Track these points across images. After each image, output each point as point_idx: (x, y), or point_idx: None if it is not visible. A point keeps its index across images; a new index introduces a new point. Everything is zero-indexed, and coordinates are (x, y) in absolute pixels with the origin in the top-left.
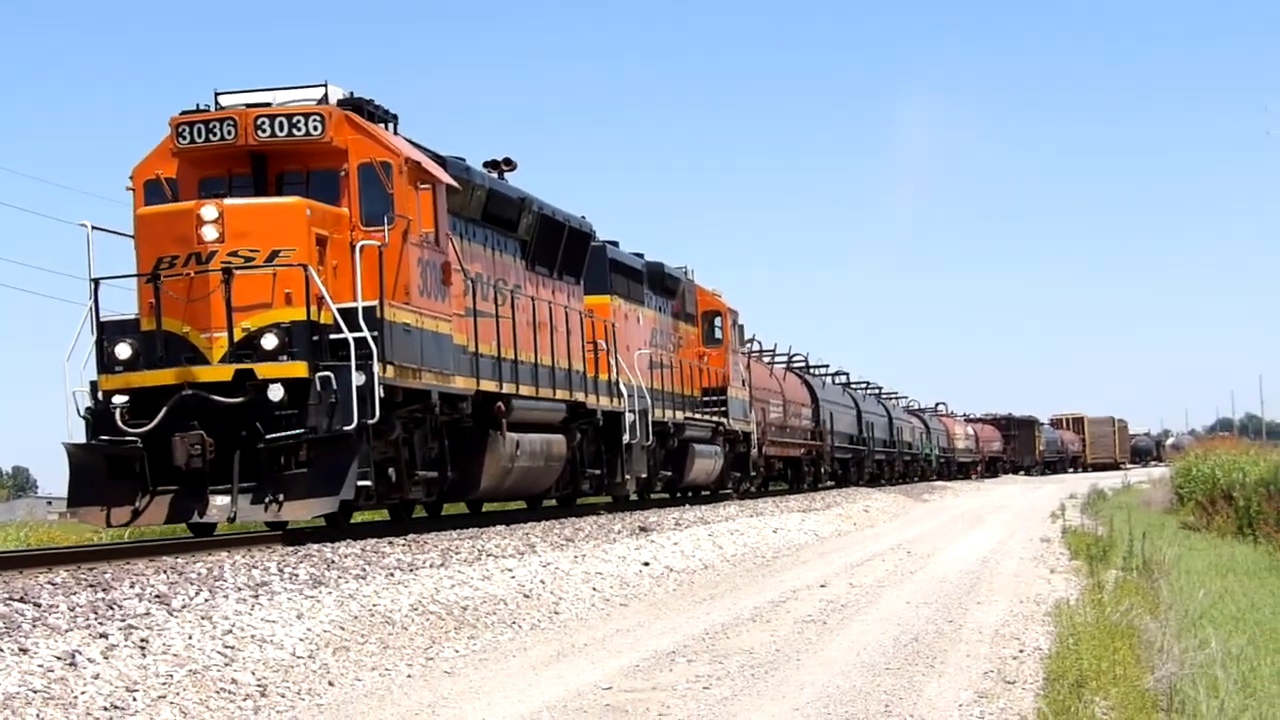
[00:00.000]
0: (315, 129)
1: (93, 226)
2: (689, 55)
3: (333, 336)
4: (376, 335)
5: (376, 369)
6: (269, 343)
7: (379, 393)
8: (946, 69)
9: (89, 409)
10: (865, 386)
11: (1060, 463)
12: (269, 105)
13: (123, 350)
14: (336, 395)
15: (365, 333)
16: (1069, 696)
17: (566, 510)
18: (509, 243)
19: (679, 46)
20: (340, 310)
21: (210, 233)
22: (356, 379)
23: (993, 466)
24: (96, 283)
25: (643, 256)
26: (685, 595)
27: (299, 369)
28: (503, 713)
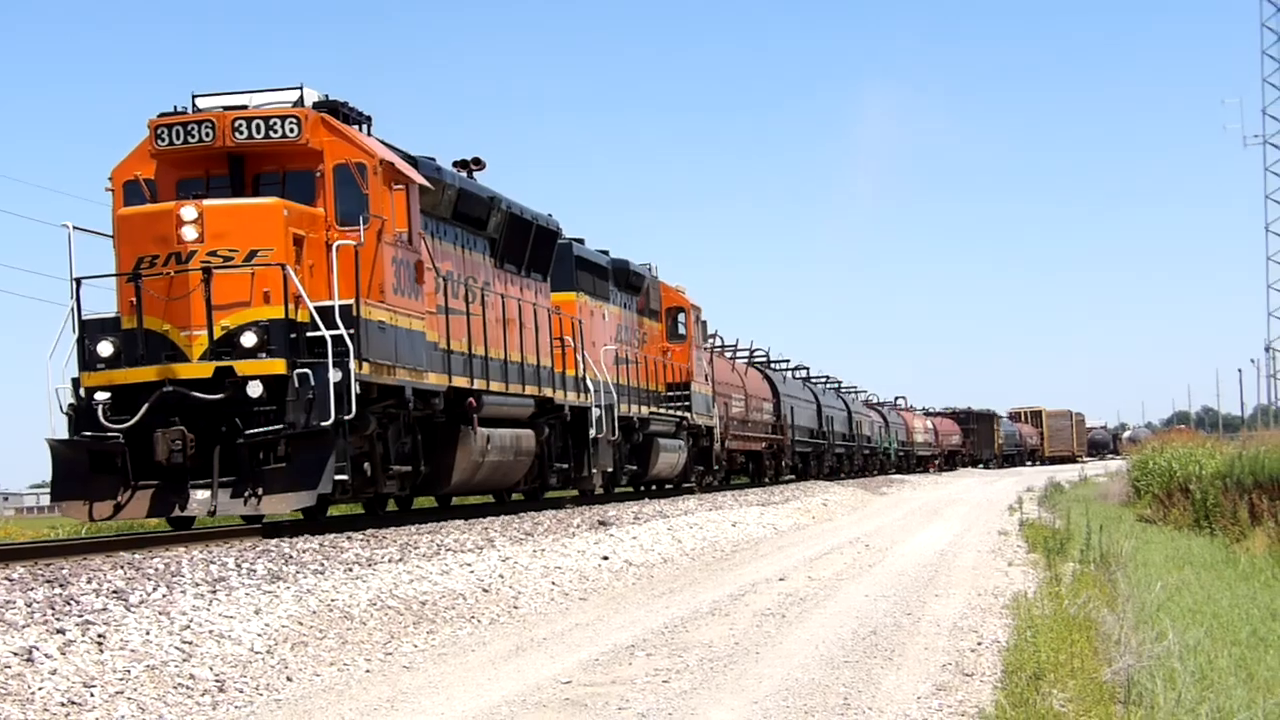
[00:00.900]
0: (291, 131)
1: (74, 227)
2: (652, 54)
3: (310, 334)
4: (353, 333)
5: (353, 366)
6: (248, 340)
7: (355, 389)
8: (907, 61)
9: (72, 405)
10: (825, 381)
11: (1019, 456)
12: (245, 108)
13: (104, 348)
14: (314, 391)
15: (342, 330)
16: (1027, 689)
17: (534, 504)
18: (478, 241)
19: (643, 46)
20: (317, 308)
21: (190, 233)
22: (333, 376)
23: (952, 460)
24: (78, 282)
25: (608, 254)
26: (644, 589)
27: (277, 366)
28: (462, 707)
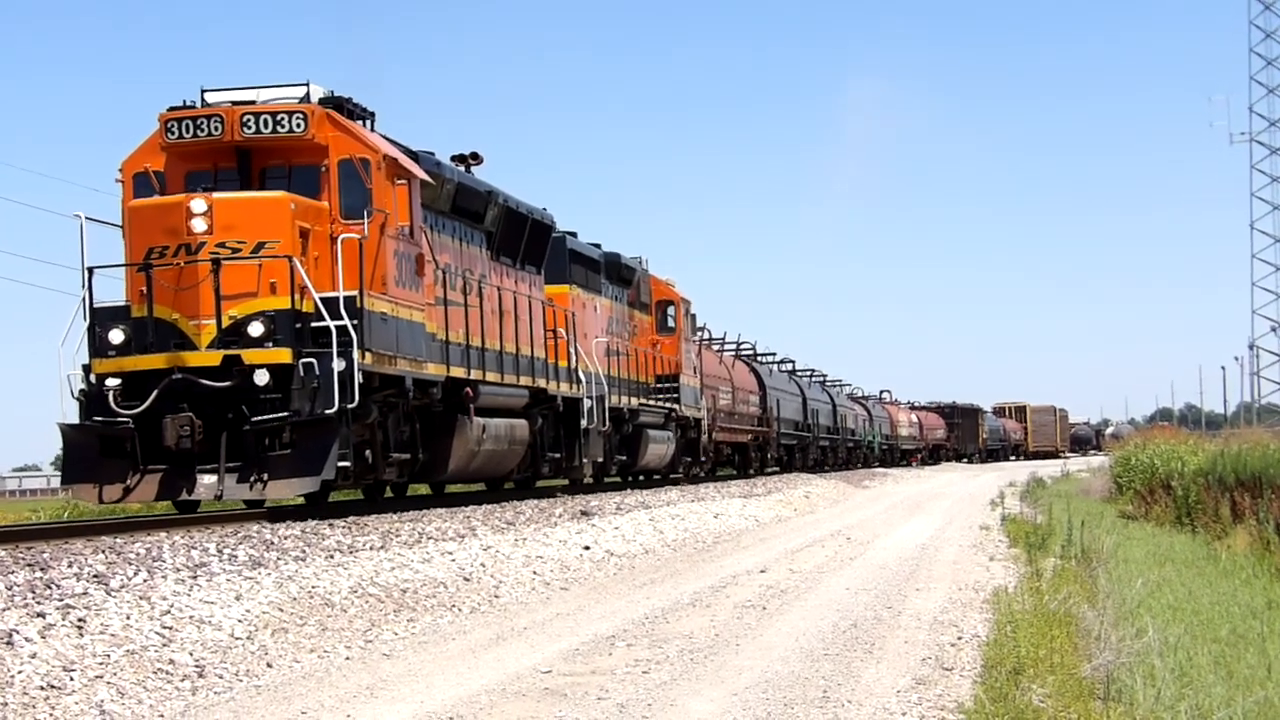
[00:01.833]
0: (298, 126)
1: (86, 217)
2: (642, 51)
3: (315, 324)
4: (356, 323)
5: (356, 355)
6: (255, 330)
7: (358, 378)
8: (893, 57)
9: (82, 391)
10: (810, 374)
11: (1003, 450)
12: (254, 103)
13: (115, 336)
14: (319, 380)
15: (346, 321)
16: (1006, 684)
17: (526, 492)
18: (475, 234)
19: (633, 43)
20: (322, 299)
21: (200, 225)
22: (338, 365)
23: (936, 454)
24: (90, 271)
25: (600, 247)
26: (625, 580)
27: (283, 355)
28: (442, 695)
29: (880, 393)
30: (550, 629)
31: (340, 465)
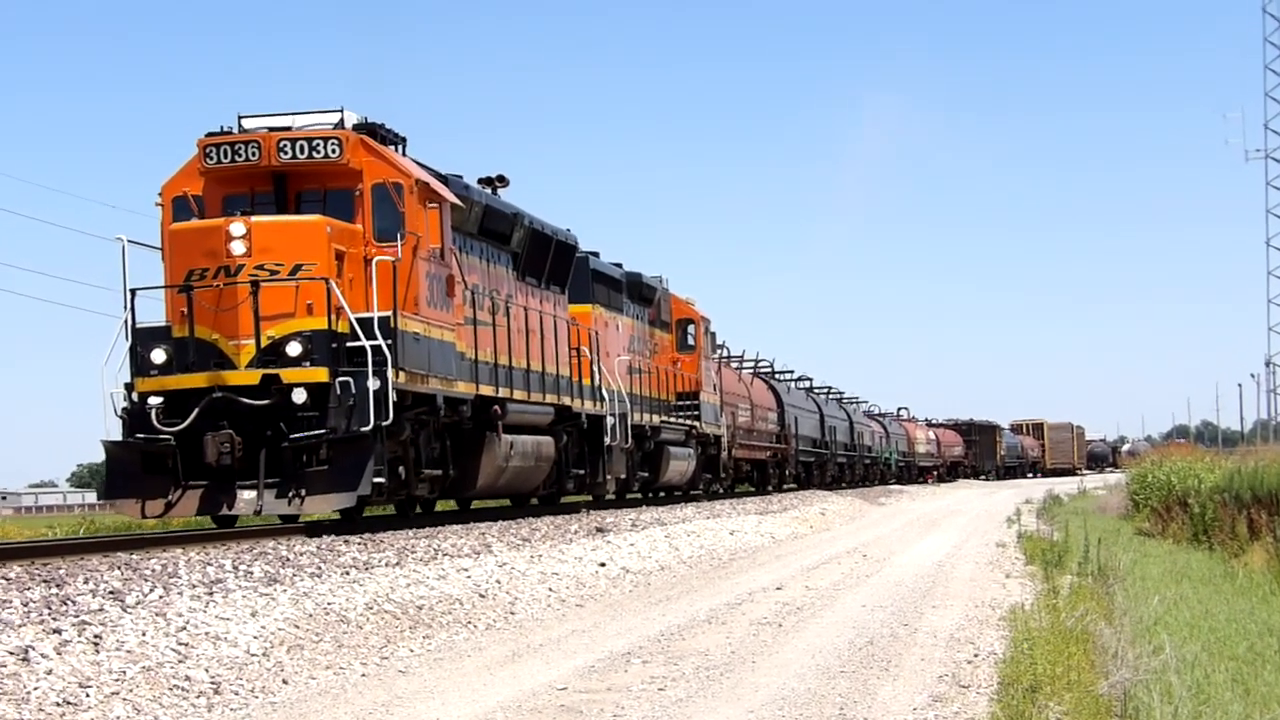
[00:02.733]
0: (333, 151)
1: (128, 240)
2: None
3: (350, 344)
4: (390, 343)
5: (390, 374)
6: (293, 350)
7: (392, 396)
8: (908, 74)
9: (125, 409)
10: (828, 391)
11: (1020, 468)
12: (289, 128)
13: (158, 355)
14: (354, 398)
15: (380, 341)
16: (1023, 701)
17: (551, 508)
18: (502, 255)
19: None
20: (357, 320)
21: (239, 248)
22: (372, 384)
23: (954, 471)
24: (133, 293)
25: (621, 266)
26: (641, 596)
27: (320, 374)
28: (457, 713)
29: (898, 410)
30: (566, 646)
31: (375, 481)
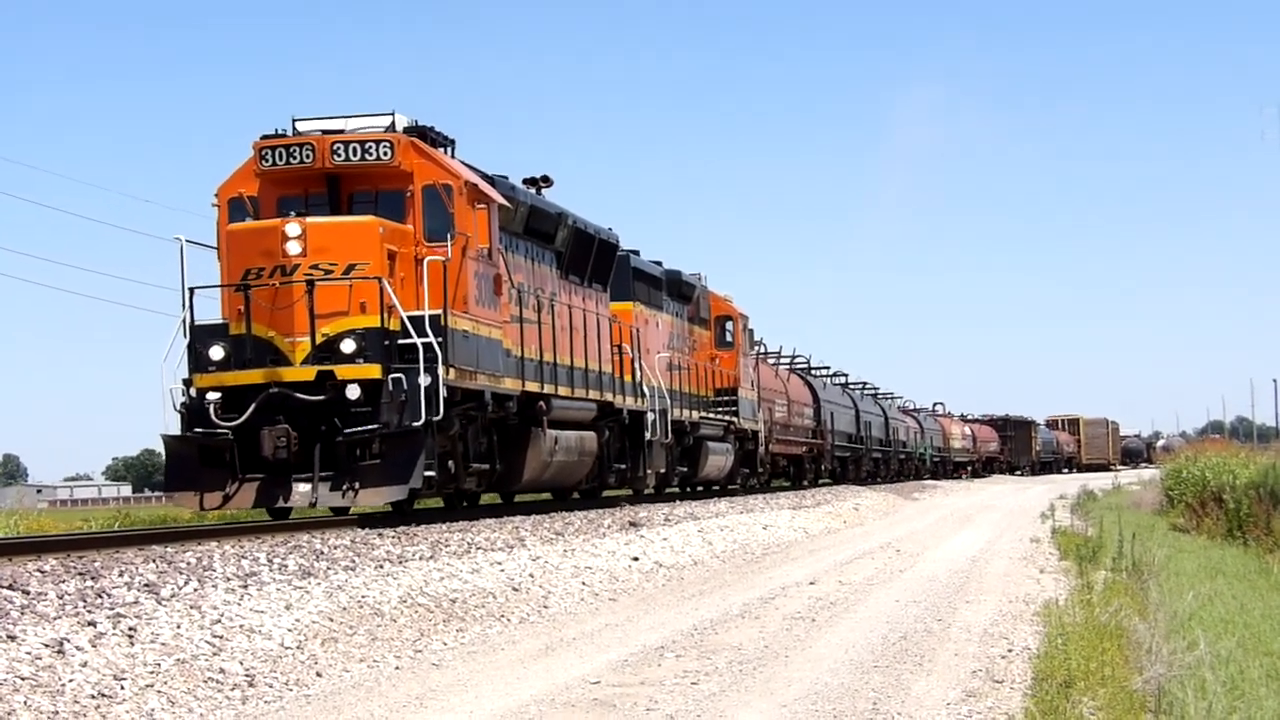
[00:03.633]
0: (385, 154)
1: (186, 240)
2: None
3: (401, 341)
4: (441, 341)
5: (440, 371)
6: (348, 347)
7: (442, 392)
8: (950, 64)
9: (184, 404)
10: (863, 387)
11: (1056, 463)
12: (342, 131)
13: (216, 352)
14: (406, 394)
15: (431, 339)
16: (1057, 696)
17: (594, 502)
18: (546, 254)
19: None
20: (409, 318)
21: (294, 248)
22: (424, 380)
23: (989, 466)
24: (192, 291)
25: (661, 264)
26: (674, 591)
27: (373, 371)
28: (490, 706)
29: (934, 405)
30: (599, 640)
31: (426, 474)
